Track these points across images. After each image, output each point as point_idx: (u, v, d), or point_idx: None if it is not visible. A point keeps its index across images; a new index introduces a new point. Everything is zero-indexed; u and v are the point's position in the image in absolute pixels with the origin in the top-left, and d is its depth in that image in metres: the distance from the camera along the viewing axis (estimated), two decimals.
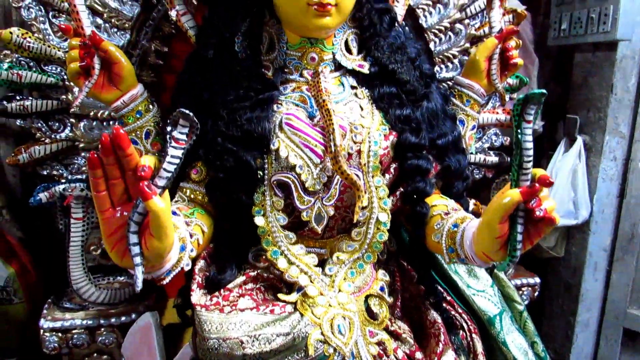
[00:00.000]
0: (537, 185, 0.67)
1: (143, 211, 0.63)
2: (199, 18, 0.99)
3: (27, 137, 1.17)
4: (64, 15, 1.08)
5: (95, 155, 0.59)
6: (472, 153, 1.27)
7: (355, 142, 0.87)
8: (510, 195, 0.67)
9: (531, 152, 0.69)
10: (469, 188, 1.05)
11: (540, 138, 1.57)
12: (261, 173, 0.86)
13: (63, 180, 1.14)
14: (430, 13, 1.20)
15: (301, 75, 0.92)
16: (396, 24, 1.00)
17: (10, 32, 1.03)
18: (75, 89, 1.06)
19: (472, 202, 1.28)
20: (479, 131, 1.28)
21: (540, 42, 1.59)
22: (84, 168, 1.13)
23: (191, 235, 0.79)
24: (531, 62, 1.48)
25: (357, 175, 0.86)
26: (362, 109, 0.91)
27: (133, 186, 0.62)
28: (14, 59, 1.07)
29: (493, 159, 1.30)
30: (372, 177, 0.89)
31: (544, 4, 1.64)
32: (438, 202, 0.93)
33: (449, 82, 1.21)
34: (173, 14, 0.99)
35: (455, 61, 1.22)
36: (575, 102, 1.53)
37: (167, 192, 0.65)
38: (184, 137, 0.66)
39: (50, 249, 1.29)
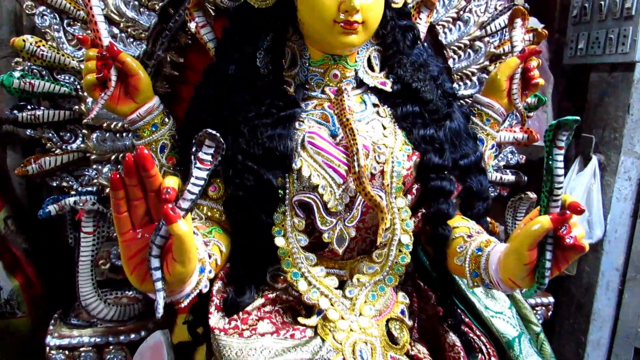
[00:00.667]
0: (567, 212, 0.66)
1: (166, 234, 0.61)
2: (218, 30, 0.97)
3: (35, 146, 1.14)
4: (79, 24, 1.06)
5: (118, 176, 0.57)
6: (490, 172, 1.25)
7: (378, 163, 0.85)
8: (540, 222, 0.66)
9: (562, 179, 0.68)
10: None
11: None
12: (282, 192, 0.84)
13: (73, 192, 1.11)
14: (450, 30, 1.19)
15: (323, 92, 0.90)
16: (419, 42, 0.99)
17: (24, 40, 1.01)
18: (90, 101, 1.04)
19: None
20: (496, 149, 1.27)
21: (555, 60, 1.58)
22: (95, 180, 1.11)
23: (209, 256, 0.77)
24: (546, 79, 1.48)
25: (380, 197, 0.84)
26: (384, 127, 0.90)
27: (155, 208, 0.60)
28: (27, 67, 1.04)
29: (509, 177, 1.29)
30: (395, 198, 0.87)
31: (559, 21, 1.63)
32: (460, 224, 0.91)
33: (467, 100, 1.19)
34: (192, 25, 0.98)
35: (474, 79, 1.21)
36: (590, 121, 1.53)
37: (189, 214, 0.63)
38: (209, 157, 0.64)
39: (56, 261, 1.26)
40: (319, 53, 0.89)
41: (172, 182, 0.59)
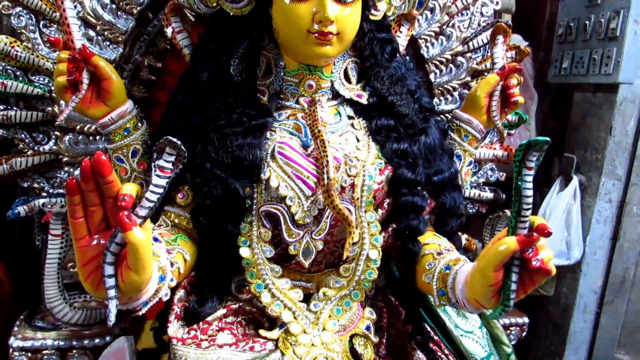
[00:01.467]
0: (534, 234, 0.65)
1: (121, 242, 0.60)
2: (195, 36, 0.97)
3: (10, 146, 1.13)
4: (55, 25, 1.04)
5: (74, 181, 0.57)
6: (467, 188, 1.24)
7: (349, 175, 0.84)
8: (506, 243, 0.65)
9: (531, 200, 0.68)
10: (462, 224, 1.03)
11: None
12: (250, 202, 0.82)
13: (44, 194, 1.10)
14: (433, 44, 1.18)
15: (297, 102, 0.90)
16: (397, 55, 0.99)
17: None
18: (62, 103, 1.02)
19: (464, 237, 1.26)
20: (475, 166, 1.26)
21: (540, 78, 1.58)
22: (65, 183, 1.09)
23: (172, 264, 0.76)
24: (530, 97, 1.48)
25: (349, 210, 0.83)
26: (358, 140, 0.89)
27: (112, 214, 0.60)
28: (1, 68, 1.03)
29: (488, 194, 1.28)
30: (365, 212, 0.86)
31: (545, 39, 1.64)
32: (430, 241, 0.90)
33: (447, 115, 1.19)
34: (169, 31, 0.97)
35: (455, 94, 1.20)
36: (572, 141, 1.53)
37: (148, 221, 0.62)
38: (169, 165, 0.64)
39: (27, 261, 1.24)
40: (294, 63, 0.88)
41: (130, 188, 0.58)
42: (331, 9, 0.78)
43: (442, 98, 1.21)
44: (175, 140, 0.62)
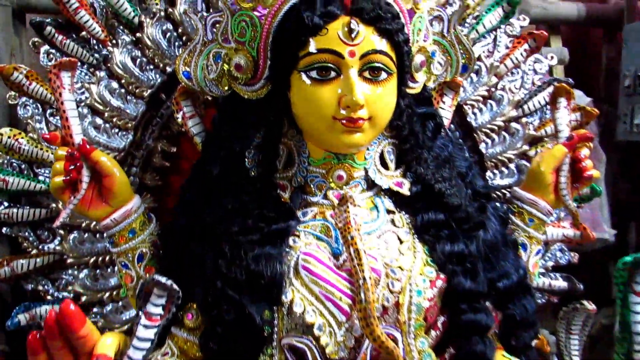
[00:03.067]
0: None
1: None
2: (209, 121, 0.86)
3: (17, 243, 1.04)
4: None
5: (37, 337, 0.45)
6: (535, 281, 1.05)
7: (392, 292, 0.68)
8: None
9: None
10: None
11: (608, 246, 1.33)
12: (269, 329, 0.68)
13: (49, 298, 0.99)
14: (481, 110, 1.02)
15: (325, 197, 0.76)
16: (442, 131, 0.84)
17: (1, 134, 0.94)
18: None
19: None
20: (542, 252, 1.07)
21: (605, 134, 1.39)
22: (70, 287, 0.98)
23: None
24: (598, 159, 1.28)
25: (394, 339, 0.66)
26: (400, 241, 0.73)
27: None
28: (5, 161, 0.96)
29: (560, 283, 1.07)
30: (414, 338, 0.68)
31: (606, 89, 1.45)
32: None
33: (503, 191, 1.01)
34: (179, 116, 0.87)
35: (512, 166, 1.03)
36: None
37: None
38: (158, 310, 0.50)
39: None
40: (320, 150, 0.75)
41: (109, 343, 0.46)
42: (360, 90, 0.65)
43: (495, 171, 1.03)
44: (163, 280, 0.49)
